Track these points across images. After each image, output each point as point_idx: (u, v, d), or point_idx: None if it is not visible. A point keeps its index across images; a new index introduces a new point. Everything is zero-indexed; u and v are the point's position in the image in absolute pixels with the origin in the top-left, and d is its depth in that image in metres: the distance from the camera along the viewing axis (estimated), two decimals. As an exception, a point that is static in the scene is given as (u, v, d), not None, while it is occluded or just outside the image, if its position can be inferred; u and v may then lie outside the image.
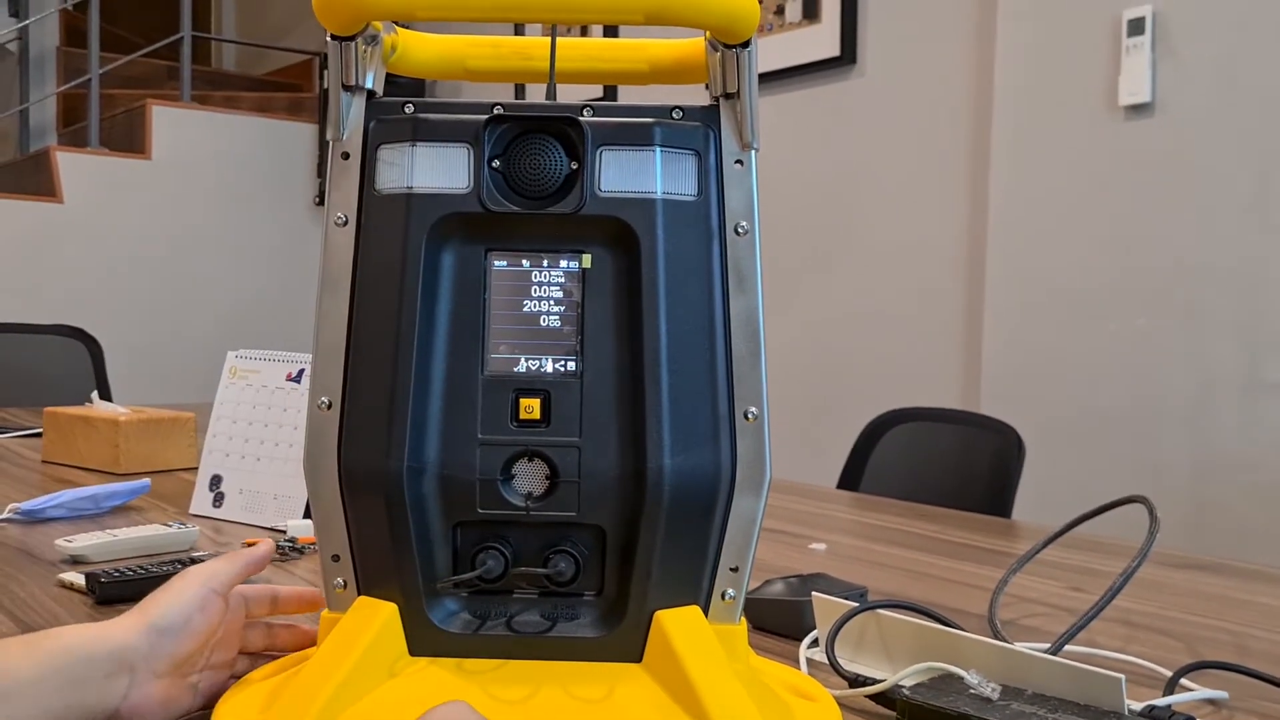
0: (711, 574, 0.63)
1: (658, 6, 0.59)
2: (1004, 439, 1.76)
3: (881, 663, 0.77)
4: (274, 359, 1.31)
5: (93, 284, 4.11)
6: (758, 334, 0.63)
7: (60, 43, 5.19)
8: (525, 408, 0.62)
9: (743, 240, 0.64)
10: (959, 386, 2.66)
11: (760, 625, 0.89)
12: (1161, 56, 2.19)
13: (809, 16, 2.98)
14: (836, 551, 1.23)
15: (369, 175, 0.63)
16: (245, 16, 6.26)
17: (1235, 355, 2.10)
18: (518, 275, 0.63)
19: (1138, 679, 0.80)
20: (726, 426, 0.62)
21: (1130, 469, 2.23)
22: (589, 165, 0.62)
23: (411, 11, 0.60)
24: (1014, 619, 0.96)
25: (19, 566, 1.04)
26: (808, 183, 3.00)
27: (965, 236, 2.65)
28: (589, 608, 0.63)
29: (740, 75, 0.63)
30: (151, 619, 0.65)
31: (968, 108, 2.64)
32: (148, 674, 0.64)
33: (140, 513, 1.30)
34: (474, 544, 0.62)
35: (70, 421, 1.62)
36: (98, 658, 0.62)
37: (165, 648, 0.65)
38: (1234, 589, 1.11)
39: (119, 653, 0.63)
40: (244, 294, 4.44)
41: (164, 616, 0.65)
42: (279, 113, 4.76)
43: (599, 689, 0.61)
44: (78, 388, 2.38)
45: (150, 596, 0.67)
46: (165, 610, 0.66)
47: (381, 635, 0.61)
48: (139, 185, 4.25)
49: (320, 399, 0.63)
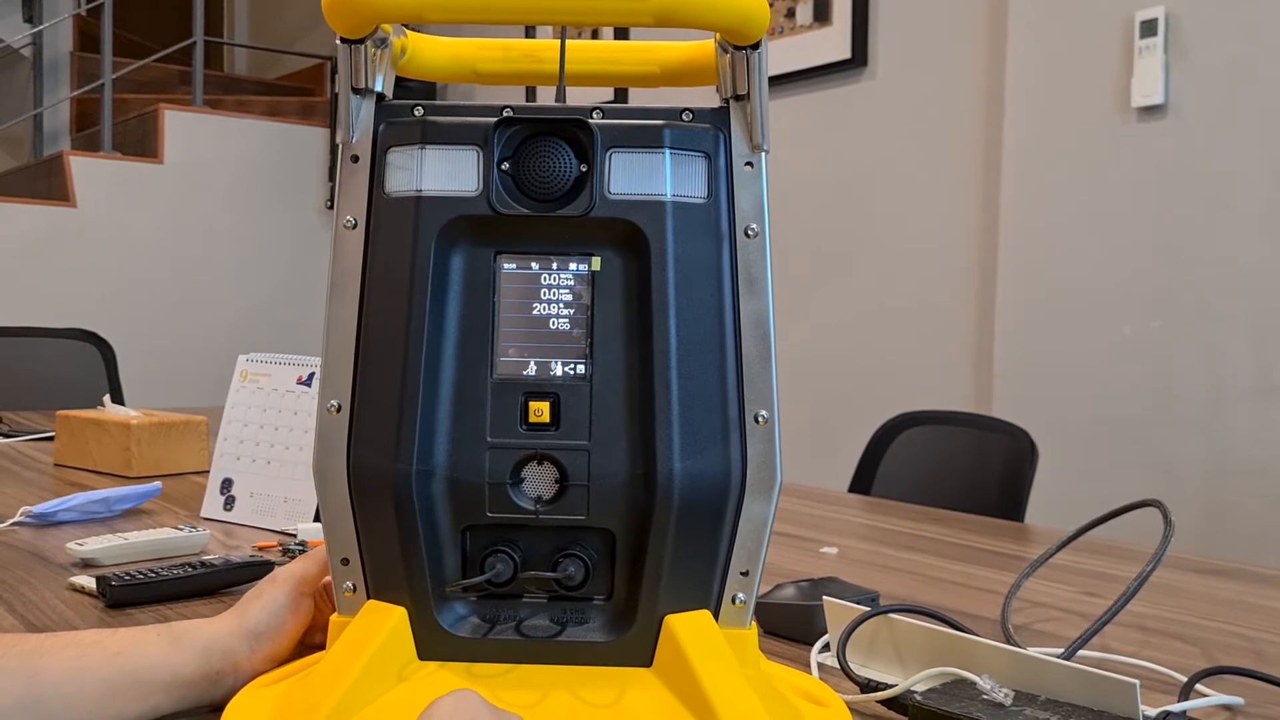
0: (722, 578, 0.63)
1: (667, 8, 0.59)
2: (1016, 442, 1.75)
3: (893, 668, 0.76)
4: (285, 362, 1.31)
5: (105, 287, 4.12)
6: (768, 337, 0.63)
7: (73, 48, 5.22)
8: (534, 411, 0.62)
9: (753, 243, 0.63)
10: (971, 389, 2.65)
11: (771, 630, 0.88)
12: (1174, 58, 2.18)
13: (820, 19, 2.97)
14: (848, 555, 1.22)
15: (378, 178, 0.63)
16: (257, 21, 6.28)
17: (1250, 358, 2.09)
18: (527, 278, 0.63)
19: (1152, 684, 0.79)
20: (737, 430, 0.62)
21: (1144, 472, 2.22)
22: (598, 168, 0.62)
23: (420, 14, 0.60)
24: (1027, 624, 0.96)
25: (30, 569, 1.04)
26: (819, 185, 2.99)
27: (977, 239, 2.64)
28: (598, 612, 0.63)
29: (750, 77, 0.63)
30: (248, 625, 0.69)
31: (979, 110, 2.63)
32: (249, 673, 0.68)
33: (151, 516, 1.30)
34: (483, 548, 0.62)
35: (82, 425, 1.62)
36: (216, 655, 0.67)
37: (262, 650, 0.68)
38: (1249, 593, 1.10)
39: (227, 653, 0.67)
40: (255, 297, 4.45)
41: (260, 623, 0.69)
42: (290, 117, 4.78)
43: (609, 694, 0.60)
44: (90, 391, 2.39)
45: (243, 601, 0.70)
46: (260, 616, 0.69)
47: (390, 639, 0.61)
48: (151, 189, 4.27)
49: (329, 402, 0.63)
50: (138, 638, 0.66)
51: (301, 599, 0.71)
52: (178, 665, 0.65)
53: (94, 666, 0.63)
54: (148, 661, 0.65)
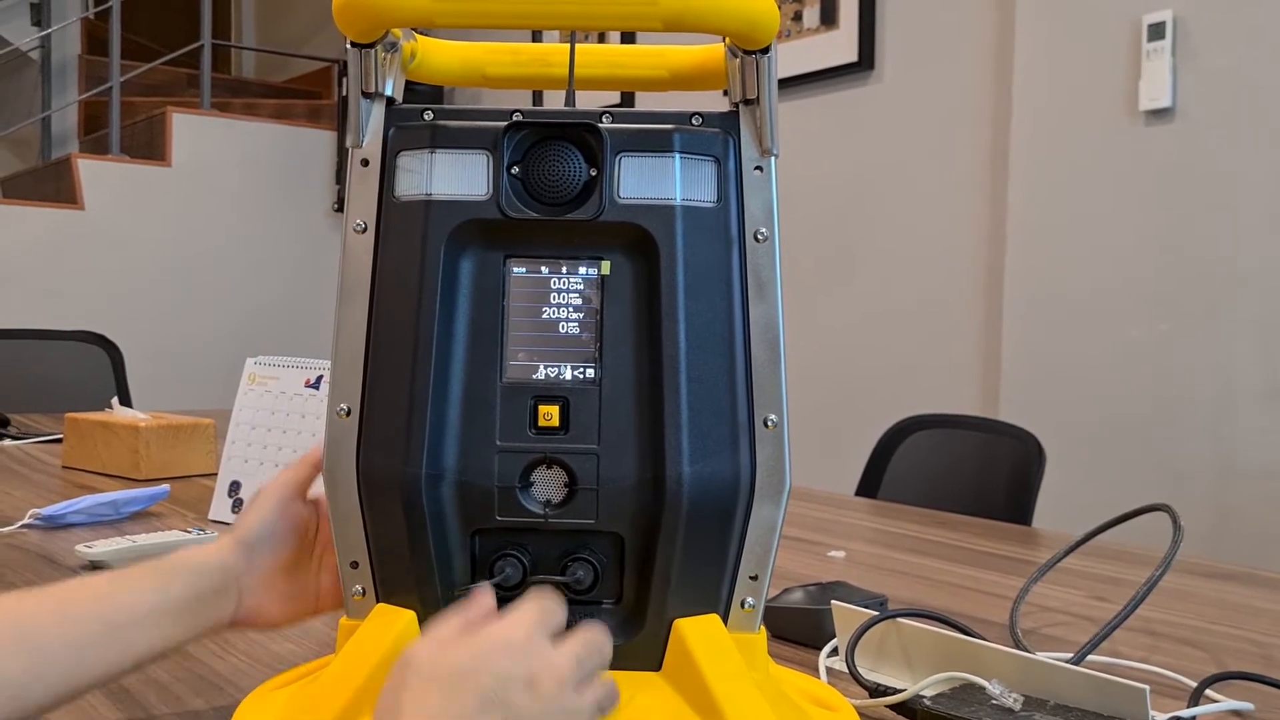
0: (731, 582, 0.63)
1: (677, 13, 0.59)
2: (1024, 445, 1.75)
3: (902, 672, 0.76)
4: (292, 365, 1.32)
5: (113, 290, 4.13)
6: (777, 341, 0.63)
7: (82, 51, 5.23)
8: (544, 415, 0.62)
9: (762, 247, 0.63)
10: (978, 393, 2.64)
11: (779, 634, 0.88)
12: (1182, 61, 2.18)
13: (827, 22, 2.97)
14: (855, 559, 1.22)
15: (388, 182, 0.63)
16: (265, 24, 6.29)
17: (1258, 361, 2.08)
18: (536, 282, 0.63)
19: (1161, 690, 0.79)
20: (746, 434, 0.62)
21: (1152, 476, 2.21)
22: (608, 172, 0.62)
23: (430, 19, 0.60)
24: (1035, 628, 0.95)
25: (38, 571, 1.04)
26: (826, 189, 2.99)
27: (984, 242, 2.64)
28: (607, 616, 0.63)
29: (760, 81, 0.63)
30: (239, 536, 0.70)
31: (986, 113, 2.63)
32: (254, 586, 0.69)
33: (159, 518, 1.30)
34: (492, 551, 0.62)
35: (91, 427, 1.63)
36: (211, 572, 0.67)
37: (261, 560, 0.69)
38: (1259, 598, 1.09)
39: (223, 569, 0.68)
40: (263, 300, 4.45)
41: (250, 531, 0.70)
42: (298, 120, 4.78)
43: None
44: (98, 393, 2.39)
45: (237, 518, 0.72)
46: (250, 525, 0.70)
47: (399, 643, 0.61)
48: (159, 192, 4.28)
49: (339, 406, 0.63)
50: (124, 575, 0.66)
51: (291, 503, 0.72)
52: (173, 592, 0.65)
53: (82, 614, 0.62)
54: (137, 595, 0.64)
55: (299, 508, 0.72)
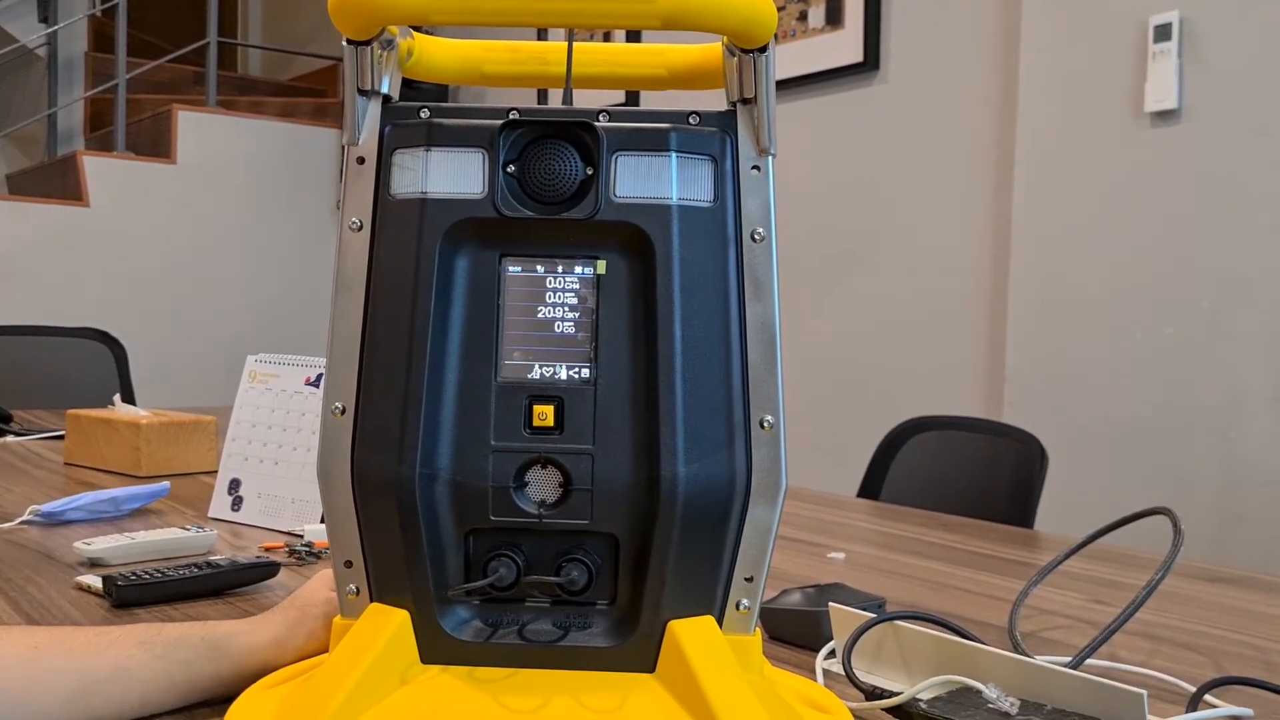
0: (726, 584, 0.63)
1: (675, 12, 0.59)
2: (1027, 448, 1.74)
3: (899, 675, 0.76)
4: (293, 363, 1.31)
5: (117, 287, 4.14)
6: (774, 342, 0.63)
7: (88, 48, 5.23)
8: (539, 414, 0.62)
9: (759, 247, 0.63)
10: (981, 395, 2.64)
11: (776, 635, 0.88)
12: (1188, 62, 2.17)
13: (832, 23, 2.97)
14: (855, 561, 1.22)
15: (384, 180, 0.63)
16: (271, 22, 6.30)
17: (1263, 365, 2.07)
18: (532, 281, 0.63)
19: (1160, 694, 0.78)
20: (742, 435, 0.62)
21: (1155, 480, 2.21)
22: (604, 171, 0.61)
23: (427, 16, 0.60)
24: (1035, 631, 0.95)
25: (37, 568, 1.04)
26: (830, 189, 2.98)
27: (988, 244, 2.63)
28: (601, 617, 0.63)
29: (758, 80, 0.63)
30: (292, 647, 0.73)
31: (991, 114, 2.62)
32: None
33: (159, 516, 1.30)
34: (486, 551, 0.62)
35: (92, 424, 1.63)
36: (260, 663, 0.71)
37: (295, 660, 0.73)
38: (1260, 603, 1.09)
39: (266, 664, 0.72)
40: (266, 298, 4.46)
41: (300, 650, 0.73)
42: (303, 118, 4.79)
43: (611, 699, 0.60)
44: (101, 390, 2.39)
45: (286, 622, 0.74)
46: (300, 644, 0.74)
47: (393, 643, 0.61)
48: (164, 189, 4.28)
49: (334, 404, 0.63)
50: (182, 639, 0.70)
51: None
52: (222, 670, 0.70)
53: (139, 668, 0.67)
54: (194, 668, 0.69)
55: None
